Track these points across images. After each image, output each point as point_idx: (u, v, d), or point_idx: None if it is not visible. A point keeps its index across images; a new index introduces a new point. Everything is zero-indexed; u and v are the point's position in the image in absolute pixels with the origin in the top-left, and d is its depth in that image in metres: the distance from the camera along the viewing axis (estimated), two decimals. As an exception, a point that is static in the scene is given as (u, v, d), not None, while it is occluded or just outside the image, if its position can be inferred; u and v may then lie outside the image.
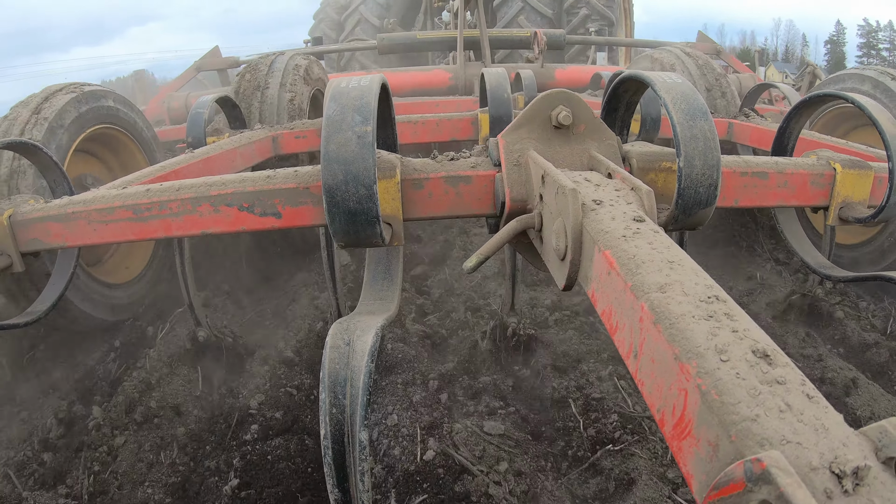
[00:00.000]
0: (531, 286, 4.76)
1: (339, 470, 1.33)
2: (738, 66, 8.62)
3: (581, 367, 3.40)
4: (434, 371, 3.37)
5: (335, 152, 1.56)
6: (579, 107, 1.87)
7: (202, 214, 1.85)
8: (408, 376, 3.20)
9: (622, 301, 1.12)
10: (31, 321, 2.19)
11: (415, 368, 3.29)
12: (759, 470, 0.64)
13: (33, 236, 2.01)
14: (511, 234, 1.70)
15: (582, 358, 3.53)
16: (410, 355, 3.42)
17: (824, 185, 2.15)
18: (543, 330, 3.82)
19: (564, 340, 3.72)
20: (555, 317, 4.06)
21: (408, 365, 3.33)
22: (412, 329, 3.87)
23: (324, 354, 1.44)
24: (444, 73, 7.22)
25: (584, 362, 3.47)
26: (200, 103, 3.52)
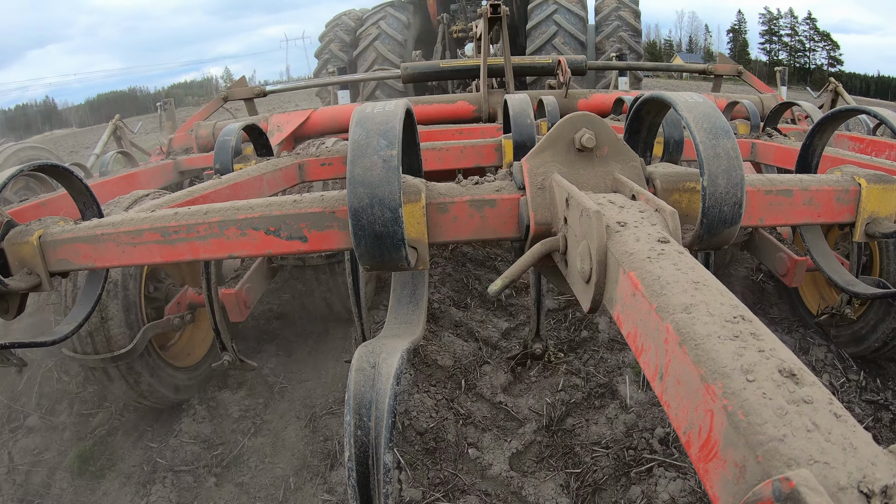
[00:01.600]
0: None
1: (364, 492, 1.33)
2: (760, 86, 8.58)
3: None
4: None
5: (361, 176, 1.57)
6: (602, 129, 1.88)
7: (229, 238, 1.87)
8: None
9: (647, 322, 1.12)
10: (57, 341, 2.22)
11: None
12: (787, 489, 0.64)
13: (62, 257, 2.04)
14: (536, 257, 1.70)
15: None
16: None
17: (849, 200, 2.13)
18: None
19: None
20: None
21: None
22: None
23: (349, 377, 1.45)
24: (468, 105, 7.26)
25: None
26: (227, 131, 3.57)
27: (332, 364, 4.97)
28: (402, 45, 12.73)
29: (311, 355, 5.18)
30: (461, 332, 5.28)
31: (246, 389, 4.71)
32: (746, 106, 5.11)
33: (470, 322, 5.42)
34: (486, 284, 6.01)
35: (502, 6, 6.71)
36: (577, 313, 5.41)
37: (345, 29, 14.08)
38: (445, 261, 6.76)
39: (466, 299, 5.93)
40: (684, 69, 11.09)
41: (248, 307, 4.30)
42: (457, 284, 6.23)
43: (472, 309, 5.75)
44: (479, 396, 4.41)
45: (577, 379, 4.53)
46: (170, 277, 4.38)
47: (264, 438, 4.25)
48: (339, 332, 5.35)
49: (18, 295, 2.08)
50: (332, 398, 4.52)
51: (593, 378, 4.55)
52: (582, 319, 5.35)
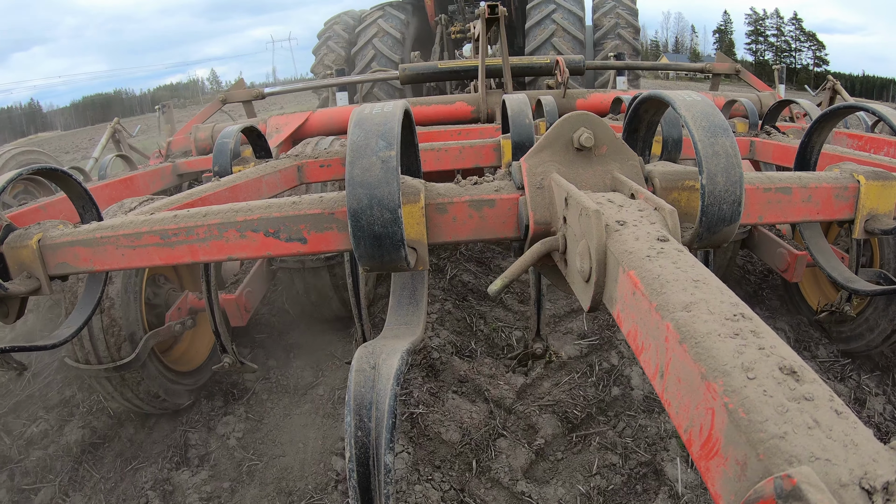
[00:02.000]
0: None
1: (364, 493, 1.33)
2: (758, 85, 8.59)
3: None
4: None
5: (360, 177, 1.57)
6: (601, 128, 1.88)
7: (228, 240, 1.87)
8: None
9: (647, 321, 1.12)
10: (57, 344, 2.23)
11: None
12: (789, 486, 0.63)
13: (62, 260, 2.04)
14: (535, 256, 1.70)
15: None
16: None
17: (848, 197, 2.13)
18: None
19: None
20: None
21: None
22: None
23: (349, 378, 1.45)
24: (466, 106, 7.26)
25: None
26: (226, 133, 3.56)
27: (313, 434, 4.20)
28: (400, 43, 12.75)
29: (287, 420, 4.43)
30: (467, 390, 4.50)
31: (208, 468, 3.96)
32: (745, 104, 5.12)
33: (477, 377, 4.63)
34: (492, 323, 5.52)
35: (500, 7, 6.72)
36: (603, 363, 4.72)
37: (344, 26, 14.11)
38: (444, 293, 6.04)
39: (471, 344, 5.15)
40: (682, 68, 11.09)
41: (248, 311, 4.30)
42: (458, 325, 5.47)
43: (479, 358, 4.94)
44: (495, 482, 3.66)
45: (613, 456, 3.79)
46: (169, 282, 4.38)
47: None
48: (320, 390, 4.70)
49: (18, 299, 2.08)
50: (313, 482, 3.76)
51: (633, 454, 3.79)
52: (610, 372, 4.63)
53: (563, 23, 11.37)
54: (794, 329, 5.23)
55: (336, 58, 13.56)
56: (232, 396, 4.70)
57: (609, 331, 5.22)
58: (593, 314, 5.09)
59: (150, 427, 4.36)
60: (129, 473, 3.99)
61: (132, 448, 4.22)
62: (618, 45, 12.41)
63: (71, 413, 4.61)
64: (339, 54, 13.63)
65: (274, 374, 4.94)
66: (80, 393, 4.80)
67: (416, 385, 4.42)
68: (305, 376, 4.92)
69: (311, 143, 5.21)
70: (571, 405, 4.26)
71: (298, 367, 5.05)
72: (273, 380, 4.88)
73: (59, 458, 4.15)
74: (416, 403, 4.23)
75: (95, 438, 4.30)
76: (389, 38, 12.69)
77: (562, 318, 5.61)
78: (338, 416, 4.27)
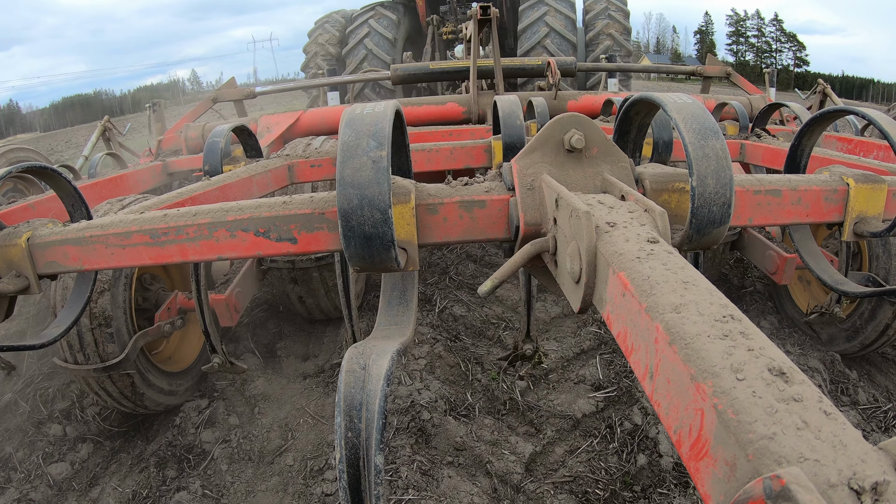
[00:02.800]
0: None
1: (355, 494, 1.33)
2: (749, 88, 8.63)
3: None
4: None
5: (350, 177, 1.57)
6: (591, 130, 1.88)
7: (218, 240, 1.86)
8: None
9: (637, 322, 1.12)
10: (45, 344, 2.22)
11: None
12: (778, 487, 0.64)
13: (51, 259, 2.03)
14: (526, 257, 1.70)
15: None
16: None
17: (838, 200, 2.14)
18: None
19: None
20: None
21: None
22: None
23: (339, 379, 1.44)
24: (458, 107, 7.27)
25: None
26: (217, 132, 3.55)
27: (274, 486, 3.70)
28: (392, 43, 12.75)
29: (250, 499, 3.78)
30: (465, 462, 3.82)
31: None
32: (735, 107, 5.13)
33: (477, 444, 3.94)
34: (491, 370, 4.85)
35: (492, 8, 6.72)
36: (624, 423, 4.07)
37: (335, 25, 14.11)
38: (434, 331, 5.28)
39: (467, 398, 4.46)
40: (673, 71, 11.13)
41: (238, 312, 4.29)
42: (451, 373, 4.78)
43: (478, 418, 4.24)
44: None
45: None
46: (159, 282, 4.36)
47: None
48: (290, 458, 4.05)
49: (7, 298, 2.07)
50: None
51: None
52: (633, 434, 3.97)
53: (554, 24, 11.40)
54: (827, 369, 4.69)
55: (326, 55, 13.57)
56: (187, 463, 4.03)
57: (627, 379, 4.56)
58: (608, 360, 4.88)
59: (94, 501, 3.83)
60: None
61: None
62: (609, 45, 12.48)
63: (8, 479, 4.03)
64: (329, 52, 13.63)
65: (235, 436, 4.24)
66: (20, 451, 4.23)
67: (403, 459, 3.72)
68: (273, 439, 4.27)
69: (303, 143, 5.20)
70: (592, 481, 3.66)
71: (264, 426, 4.40)
72: (234, 443, 4.17)
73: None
74: (405, 486, 3.53)
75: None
76: (381, 39, 12.69)
77: (571, 362, 4.98)
78: (311, 497, 3.62)
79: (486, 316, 5.80)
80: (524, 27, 11.73)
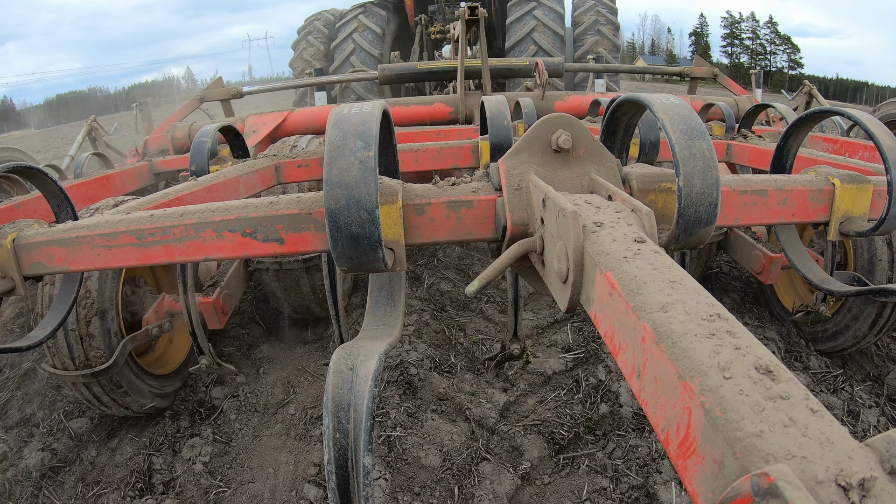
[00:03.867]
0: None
1: (343, 495, 1.33)
2: (735, 89, 8.68)
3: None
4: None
5: (337, 177, 1.57)
6: (579, 130, 1.89)
7: (205, 240, 1.86)
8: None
9: (624, 322, 1.13)
10: (32, 346, 2.20)
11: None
12: (766, 484, 0.64)
13: (37, 260, 2.01)
14: (513, 257, 1.70)
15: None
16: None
17: (824, 200, 2.16)
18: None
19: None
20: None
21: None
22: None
23: (327, 380, 1.44)
24: (445, 107, 7.28)
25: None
26: (204, 132, 3.54)
27: (284, 458, 3.98)
28: (380, 38, 12.77)
29: (257, 442, 4.17)
30: (447, 409, 4.29)
31: (173, 496, 3.73)
32: (722, 108, 5.16)
33: (458, 395, 4.41)
34: (473, 335, 5.33)
35: (480, 8, 6.73)
36: (590, 379, 4.52)
37: (325, 22, 14.14)
38: (422, 303, 5.82)
39: (450, 358, 4.92)
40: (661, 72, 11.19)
41: (226, 314, 4.27)
42: (437, 338, 5.25)
43: (459, 374, 4.72)
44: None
45: (603, 479, 3.61)
46: (146, 285, 4.34)
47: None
48: (292, 409, 4.48)
49: (-9, 299, 2.06)
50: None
51: (624, 478, 3.61)
52: (597, 388, 4.42)
53: (543, 19, 11.46)
54: (783, 339, 5.11)
55: (315, 52, 13.58)
56: (199, 416, 4.43)
57: (595, 343, 5.07)
58: (578, 327, 5.22)
59: (113, 449, 4.14)
60: (90, 500, 3.78)
61: (94, 472, 3.98)
62: (598, 40, 12.55)
63: (31, 434, 4.33)
64: (318, 49, 13.64)
65: (243, 392, 4.67)
66: (41, 411, 4.55)
67: (392, 405, 4.19)
68: (276, 393, 4.68)
69: (289, 142, 5.19)
70: (558, 425, 4.08)
71: (269, 383, 4.80)
72: (242, 398, 4.60)
73: (18, 483, 3.92)
74: (393, 425, 4.00)
75: (56, 462, 4.03)
76: (370, 33, 12.72)
77: (545, 330, 5.45)
78: (310, 439, 4.06)
79: (469, 298, 6.20)
80: (512, 20, 11.78)
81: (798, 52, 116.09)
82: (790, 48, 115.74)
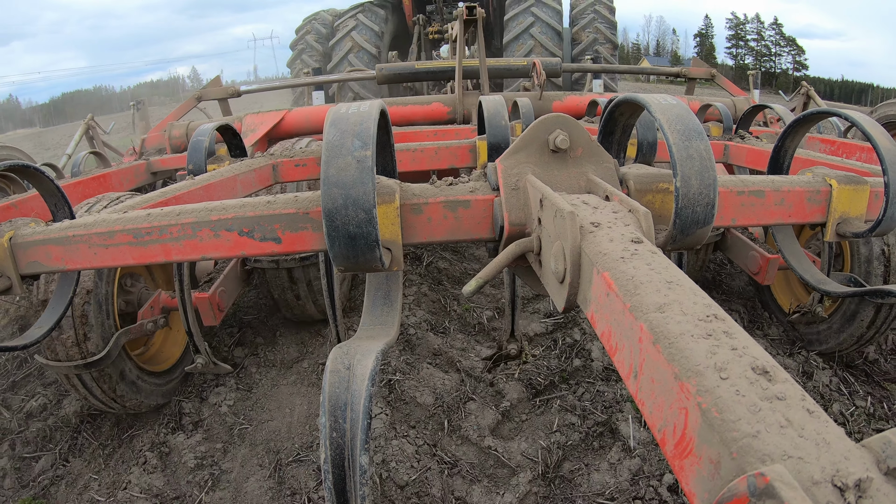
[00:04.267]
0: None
1: (340, 495, 1.33)
2: (733, 90, 8.68)
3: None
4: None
5: (335, 177, 1.57)
6: (576, 130, 1.89)
7: (202, 239, 1.85)
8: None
9: (621, 322, 1.13)
10: (28, 345, 2.20)
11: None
12: (762, 484, 0.64)
13: (33, 259, 2.01)
14: (510, 257, 1.70)
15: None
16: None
17: (821, 201, 2.16)
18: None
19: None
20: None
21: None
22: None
23: (324, 379, 1.44)
24: (443, 107, 7.27)
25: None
26: (201, 131, 3.53)
27: (298, 401, 4.54)
28: (378, 37, 12.77)
29: (275, 389, 4.73)
30: (440, 362, 4.86)
31: (202, 432, 4.21)
32: (719, 108, 5.16)
33: (450, 350, 5.01)
34: (465, 304, 5.94)
35: (478, 8, 6.73)
36: (567, 339, 5.10)
37: (322, 22, 14.15)
38: (421, 278, 6.39)
39: (444, 322, 5.55)
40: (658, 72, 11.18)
41: (221, 311, 4.27)
42: (433, 306, 5.86)
43: (452, 334, 5.35)
44: (465, 440, 4.02)
45: (572, 416, 4.17)
46: (142, 281, 4.33)
47: (223, 492, 3.77)
48: (305, 363, 4.98)
49: (-13, 297, 2.06)
50: (299, 442, 4.08)
51: (590, 415, 4.16)
52: (573, 346, 4.97)
53: (541, 15, 11.48)
54: (748, 311, 5.64)
55: (314, 53, 13.57)
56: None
57: (573, 310, 5.21)
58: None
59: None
60: (126, 440, 4.21)
61: (129, 418, 4.39)
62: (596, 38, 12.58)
63: (67, 390, 4.62)
64: (316, 50, 13.64)
65: (262, 351, 5.17)
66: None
67: (393, 356, 4.71)
68: (291, 352, 5.16)
69: (288, 145, 5.19)
70: (536, 374, 4.62)
71: (284, 344, 5.28)
72: (261, 356, 5.11)
73: (59, 429, 4.35)
74: (393, 371, 4.52)
75: (93, 410, 4.42)
76: (368, 31, 12.73)
77: (530, 301, 6.00)
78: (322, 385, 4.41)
79: (465, 269, 6.98)
80: (510, 17, 11.79)
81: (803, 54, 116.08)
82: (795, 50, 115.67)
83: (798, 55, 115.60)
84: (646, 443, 3.82)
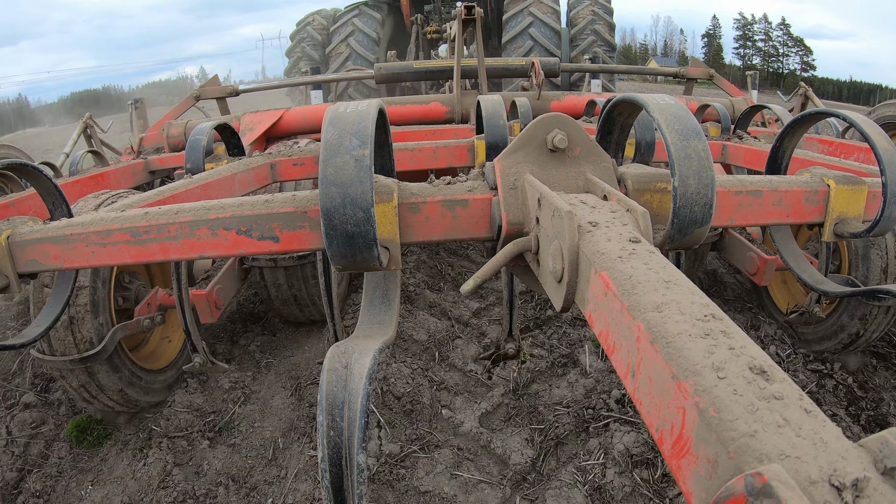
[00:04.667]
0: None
1: (337, 493, 1.32)
2: (731, 90, 8.68)
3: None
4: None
5: (333, 175, 1.56)
6: (574, 130, 1.88)
7: (200, 238, 1.85)
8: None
9: (619, 321, 1.13)
10: (26, 343, 2.19)
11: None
12: (760, 484, 0.64)
13: (31, 257, 2.00)
14: (508, 257, 1.70)
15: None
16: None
17: (818, 201, 2.16)
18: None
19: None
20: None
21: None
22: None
23: (321, 377, 1.43)
24: (441, 106, 7.27)
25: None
26: (199, 130, 3.53)
27: (314, 340, 5.32)
28: (375, 42, 12.75)
29: (294, 334, 5.51)
30: (435, 311, 5.69)
31: (234, 364, 4.99)
32: (717, 109, 5.16)
33: (443, 303, 5.88)
34: (459, 270, 6.80)
35: (476, 8, 6.73)
36: (544, 295, 5.44)
37: (317, 27, 14.09)
38: (420, 249, 7.20)
39: (440, 283, 6.39)
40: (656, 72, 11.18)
41: (219, 308, 4.26)
42: (431, 271, 6.68)
43: (446, 292, 6.21)
44: (451, 366, 4.84)
45: (542, 350, 4.98)
46: (139, 279, 4.33)
47: (253, 406, 4.52)
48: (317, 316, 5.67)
49: (-16, 296, 2.05)
50: (315, 370, 4.84)
51: (556, 350, 4.98)
52: (548, 301, 5.52)
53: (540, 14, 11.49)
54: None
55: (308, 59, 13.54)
56: (249, 320, 5.82)
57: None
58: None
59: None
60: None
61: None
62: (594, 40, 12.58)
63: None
64: (312, 56, 13.61)
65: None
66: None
67: None
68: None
69: (287, 145, 5.19)
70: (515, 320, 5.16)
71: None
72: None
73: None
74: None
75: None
76: (364, 37, 12.70)
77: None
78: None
79: (461, 243, 7.53)
80: (509, 16, 11.79)
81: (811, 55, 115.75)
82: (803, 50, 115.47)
83: (806, 56, 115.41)
84: (600, 370, 4.64)
